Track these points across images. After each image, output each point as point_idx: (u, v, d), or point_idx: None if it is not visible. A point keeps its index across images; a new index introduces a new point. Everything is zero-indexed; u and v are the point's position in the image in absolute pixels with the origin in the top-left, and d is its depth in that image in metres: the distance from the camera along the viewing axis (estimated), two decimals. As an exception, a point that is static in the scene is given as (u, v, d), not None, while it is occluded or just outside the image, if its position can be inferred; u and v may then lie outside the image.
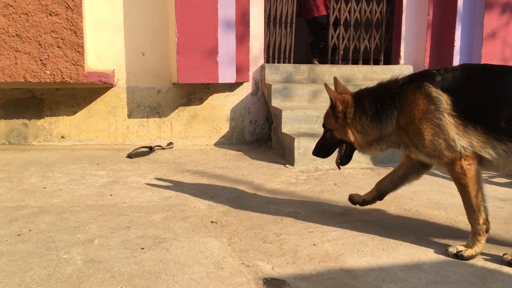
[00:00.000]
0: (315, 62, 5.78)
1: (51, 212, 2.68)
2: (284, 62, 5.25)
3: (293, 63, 5.27)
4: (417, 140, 2.31)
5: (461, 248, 2.22)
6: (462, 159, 2.21)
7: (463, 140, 2.20)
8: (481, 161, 2.23)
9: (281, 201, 3.10)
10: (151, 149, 4.46)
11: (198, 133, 4.98)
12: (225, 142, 4.98)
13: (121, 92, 4.76)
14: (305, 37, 6.72)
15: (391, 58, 5.57)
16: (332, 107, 2.53)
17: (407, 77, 2.44)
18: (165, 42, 4.75)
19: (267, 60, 5.19)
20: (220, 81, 4.57)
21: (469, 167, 2.20)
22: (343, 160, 2.66)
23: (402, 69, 5.15)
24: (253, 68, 4.99)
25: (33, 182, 3.30)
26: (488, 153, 2.19)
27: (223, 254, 2.19)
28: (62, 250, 2.15)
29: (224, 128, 4.99)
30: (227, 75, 4.57)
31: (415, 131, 2.30)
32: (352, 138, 2.48)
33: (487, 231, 2.21)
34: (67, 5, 4.00)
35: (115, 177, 3.52)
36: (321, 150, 2.70)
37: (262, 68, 5.02)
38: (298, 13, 5.56)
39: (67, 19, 4.03)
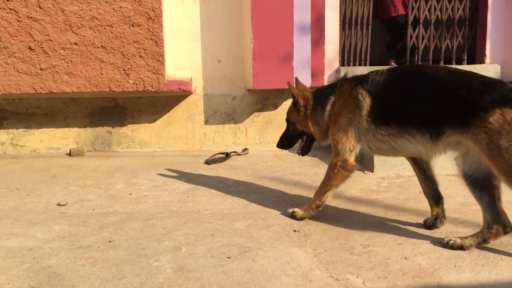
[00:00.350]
0: (392, 63, 5.58)
1: (138, 219, 2.75)
2: (359, 65, 5.11)
3: (369, 65, 5.11)
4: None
5: None
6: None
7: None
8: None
9: (364, 209, 2.99)
10: (227, 155, 4.50)
11: (273, 139, 4.95)
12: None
13: (198, 99, 4.85)
14: (379, 38, 6.51)
15: (475, 57, 5.24)
16: (294, 103, 2.89)
17: (352, 77, 2.73)
18: (240, 49, 4.79)
19: (342, 63, 5.07)
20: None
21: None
22: (304, 150, 3.00)
23: (488, 69, 4.83)
24: (328, 72, 4.89)
25: (119, 188, 3.43)
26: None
27: (310, 266, 2.14)
28: (152, 257, 2.20)
29: (299, 133, 4.92)
30: (302, 79, 4.50)
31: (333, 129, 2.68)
32: (312, 128, 2.84)
33: None
34: (148, 16, 4.14)
35: (195, 184, 3.57)
36: (285, 142, 3.06)
37: (337, 71, 4.91)
38: (374, 13, 5.39)
39: (148, 29, 4.16)
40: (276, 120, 4.93)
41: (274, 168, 4.14)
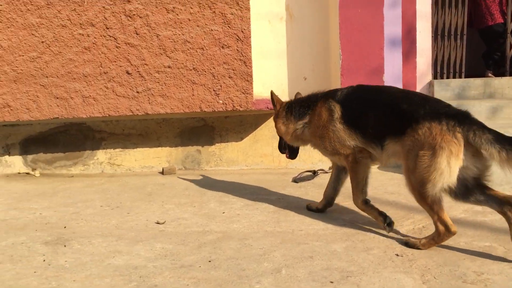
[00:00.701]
0: (489, 74, 5.23)
1: (234, 238, 2.76)
2: (454, 77, 4.85)
3: (464, 77, 4.83)
4: (320, 142, 3.05)
5: None
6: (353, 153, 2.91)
7: (351, 140, 2.88)
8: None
9: (470, 233, 2.78)
10: (314, 173, 4.43)
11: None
12: (389, 165, 4.72)
13: (284, 117, 4.83)
14: (473, 48, 6.15)
15: None
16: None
17: (324, 92, 3.19)
18: (326, 65, 4.74)
19: (435, 76, 4.84)
20: (385, 102, 4.38)
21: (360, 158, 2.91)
22: (289, 155, 3.45)
23: None
24: (420, 86, 4.69)
25: (212, 207, 3.48)
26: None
27: (421, 294, 2.00)
28: (253, 279, 2.17)
29: (389, 150, 4.74)
30: (392, 94, 4.35)
31: (319, 136, 3.05)
32: (281, 130, 3.30)
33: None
34: (237, 37, 4.22)
35: (286, 203, 3.53)
36: (279, 148, 3.51)
37: (430, 85, 4.69)
38: (469, 22, 5.11)
39: (237, 50, 4.24)
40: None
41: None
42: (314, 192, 3.86)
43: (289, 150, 3.41)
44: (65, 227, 2.99)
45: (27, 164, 4.91)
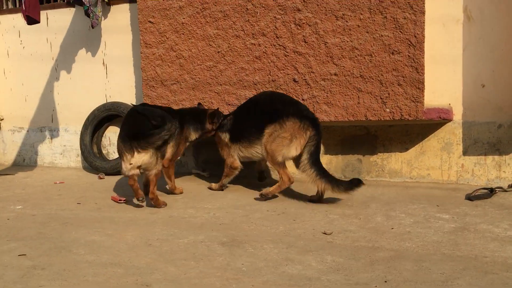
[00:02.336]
0: None
1: (409, 258, 2.59)
2: None
3: None
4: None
5: None
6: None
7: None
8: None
9: None
10: (491, 191, 3.98)
11: (549, 174, 4.21)
12: None
13: (456, 128, 4.46)
14: None
15: None
16: None
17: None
18: (509, 72, 4.23)
19: None
20: None
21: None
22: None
23: None
24: None
25: (378, 220, 3.34)
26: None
27: None
28: (439, 309, 2.00)
29: None
30: None
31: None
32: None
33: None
34: (409, 42, 4.01)
35: (462, 223, 3.23)
36: None
37: None
38: None
39: (409, 56, 4.03)
40: (555, 153, 4.17)
41: (558, 211, 3.46)
42: (494, 213, 3.46)
43: None
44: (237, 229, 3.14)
45: (198, 165, 5.32)
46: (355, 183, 3.63)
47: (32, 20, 5.25)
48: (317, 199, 3.87)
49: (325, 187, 3.67)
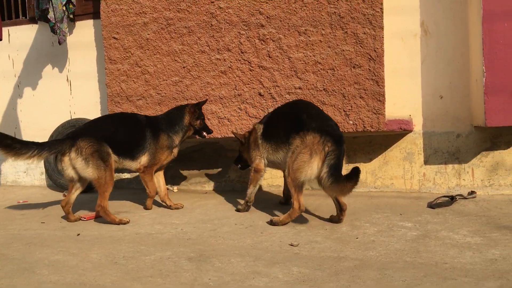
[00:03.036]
0: None
1: (372, 267, 2.65)
2: None
3: None
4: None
5: None
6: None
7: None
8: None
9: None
10: (452, 199, 4.12)
11: (505, 181, 4.39)
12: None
13: (417, 138, 4.61)
14: None
15: None
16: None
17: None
18: (465, 83, 4.42)
19: None
20: (537, 122, 3.94)
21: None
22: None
23: None
24: None
25: (344, 230, 3.41)
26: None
27: None
28: (400, 315, 2.06)
29: (541, 176, 4.26)
30: (546, 114, 3.91)
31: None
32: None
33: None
34: (370, 57, 4.13)
35: (423, 231, 3.33)
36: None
37: None
38: None
39: (369, 70, 4.15)
40: (509, 160, 4.36)
41: (514, 216, 3.62)
42: (455, 220, 3.58)
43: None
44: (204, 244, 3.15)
45: (167, 180, 5.29)
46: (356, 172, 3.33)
47: (-7, 37, 5.15)
48: (337, 219, 3.63)
49: (334, 189, 3.36)
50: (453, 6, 4.43)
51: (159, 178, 4.27)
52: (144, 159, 4.07)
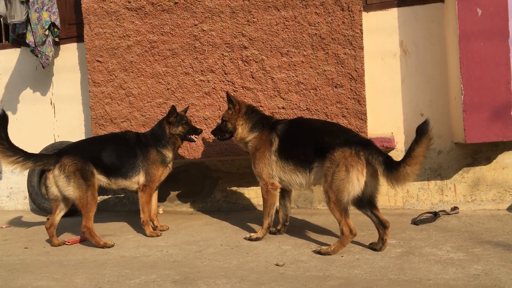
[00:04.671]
0: None
1: (357, 285, 2.67)
2: None
3: None
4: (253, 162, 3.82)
5: None
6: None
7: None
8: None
9: None
10: (435, 215, 4.18)
11: (487, 196, 4.47)
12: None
13: (400, 155, 4.65)
14: None
15: None
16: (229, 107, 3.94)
17: (276, 120, 3.88)
18: (445, 101, 4.52)
19: None
20: (515, 138, 4.04)
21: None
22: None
23: None
24: (554, 120, 4.26)
25: (329, 249, 3.42)
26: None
27: None
28: (384, 333, 2.07)
29: (521, 190, 4.34)
30: (524, 130, 4.01)
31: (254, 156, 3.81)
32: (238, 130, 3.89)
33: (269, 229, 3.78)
34: (351, 76, 4.22)
35: (407, 247, 3.36)
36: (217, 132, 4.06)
37: None
38: None
39: (351, 89, 4.23)
40: (490, 176, 4.44)
41: (495, 231, 3.67)
42: (438, 236, 3.63)
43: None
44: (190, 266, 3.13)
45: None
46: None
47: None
48: (381, 244, 3.38)
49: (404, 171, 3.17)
50: (431, 27, 4.56)
51: (153, 198, 4.24)
52: (141, 178, 4.03)
